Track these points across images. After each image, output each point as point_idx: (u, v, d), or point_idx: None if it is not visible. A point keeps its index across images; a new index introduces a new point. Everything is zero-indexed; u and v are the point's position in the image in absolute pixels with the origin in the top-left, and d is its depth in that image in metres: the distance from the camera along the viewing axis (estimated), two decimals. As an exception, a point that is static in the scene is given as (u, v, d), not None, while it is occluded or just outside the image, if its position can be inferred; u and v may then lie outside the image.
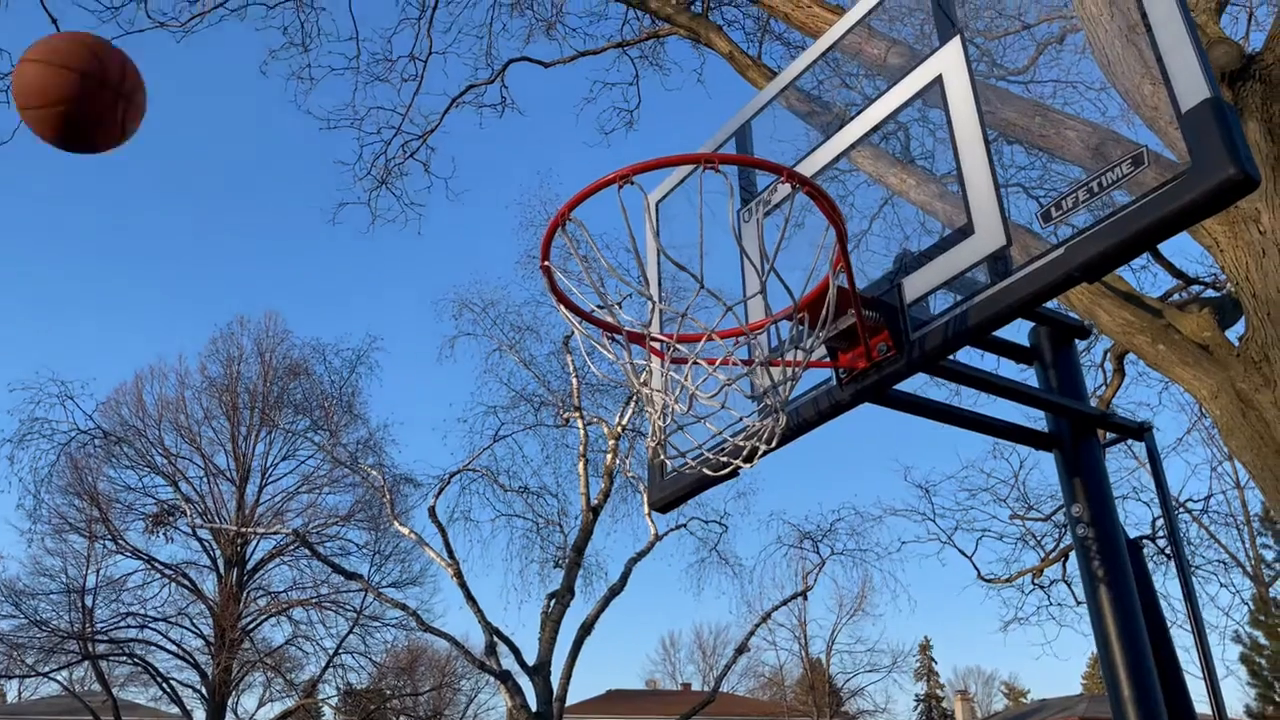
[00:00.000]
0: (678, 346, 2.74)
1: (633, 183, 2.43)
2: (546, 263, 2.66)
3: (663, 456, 3.57)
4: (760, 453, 2.98)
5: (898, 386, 3.11)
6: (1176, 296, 9.62)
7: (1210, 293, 9.78)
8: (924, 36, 3.40)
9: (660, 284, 3.79)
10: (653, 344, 2.91)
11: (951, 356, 3.02)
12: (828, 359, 3.16)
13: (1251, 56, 5.93)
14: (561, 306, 2.80)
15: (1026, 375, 3.60)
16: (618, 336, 2.84)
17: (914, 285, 2.99)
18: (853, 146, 3.40)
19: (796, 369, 2.95)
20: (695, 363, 2.74)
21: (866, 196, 4.31)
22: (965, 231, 2.82)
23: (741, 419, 3.02)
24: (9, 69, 9.32)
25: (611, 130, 13.32)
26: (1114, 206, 2.48)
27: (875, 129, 3.33)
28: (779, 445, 3.24)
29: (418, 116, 13.02)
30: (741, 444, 3.03)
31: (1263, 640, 22.24)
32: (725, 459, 3.07)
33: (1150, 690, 2.97)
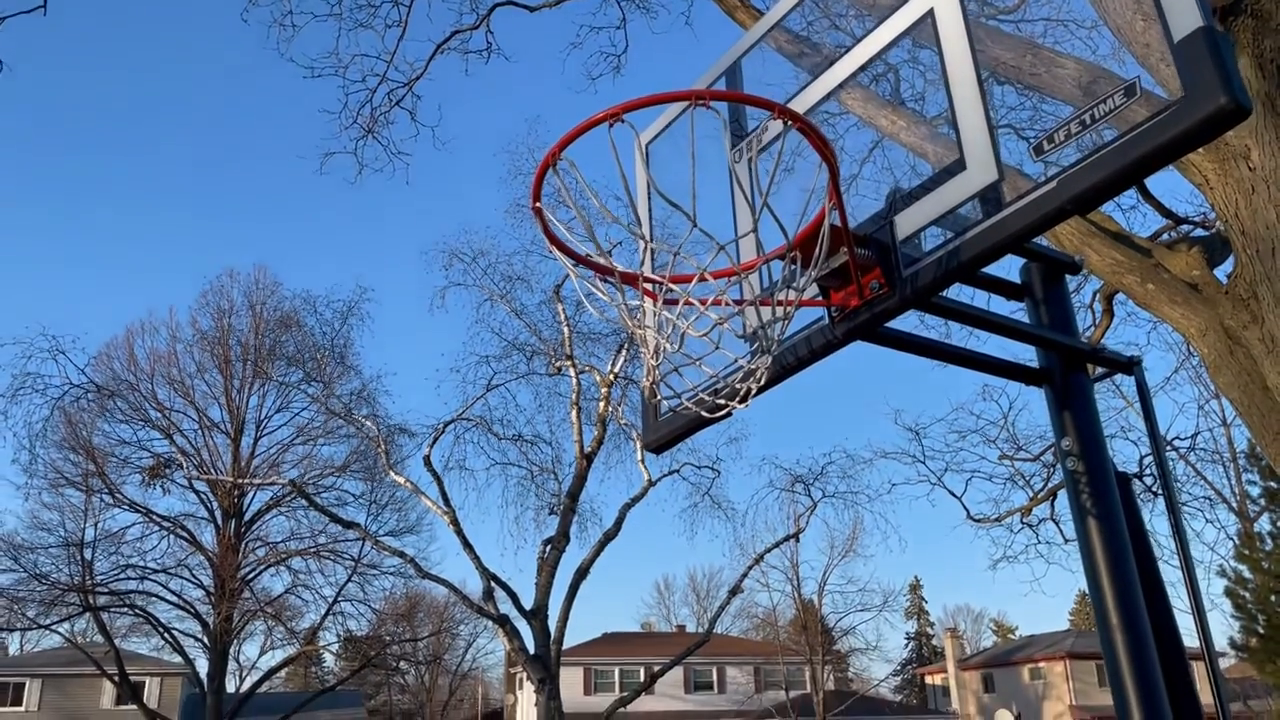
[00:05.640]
0: (671, 287, 2.74)
1: (623, 121, 2.41)
2: (538, 204, 2.64)
3: (658, 396, 3.59)
4: (753, 392, 3.00)
5: (889, 324, 3.13)
6: (1166, 236, 9.62)
7: (1199, 232, 9.78)
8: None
9: (651, 225, 3.78)
10: (645, 285, 2.91)
11: (943, 293, 3.03)
12: (820, 297, 3.16)
13: (1244, -10, 5.87)
14: (554, 248, 2.79)
15: (1018, 312, 3.62)
16: (610, 278, 2.84)
17: (906, 222, 2.99)
18: (843, 85, 3.37)
19: (789, 308, 2.96)
20: (687, 303, 2.75)
21: (857, 140, 4.28)
22: (957, 168, 2.81)
23: (736, 360, 3.03)
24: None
25: (598, 76, 13.10)
26: (1105, 141, 2.48)
27: (865, 68, 3.30)
28: (773, 384, 3.26)
29: (402, 64, 12.81)
30: (736, 385, 3.04)
31: (1247, 574, 22.61)
32: (719, 400, 3.08)
33: (1138, 621, 3.02)
